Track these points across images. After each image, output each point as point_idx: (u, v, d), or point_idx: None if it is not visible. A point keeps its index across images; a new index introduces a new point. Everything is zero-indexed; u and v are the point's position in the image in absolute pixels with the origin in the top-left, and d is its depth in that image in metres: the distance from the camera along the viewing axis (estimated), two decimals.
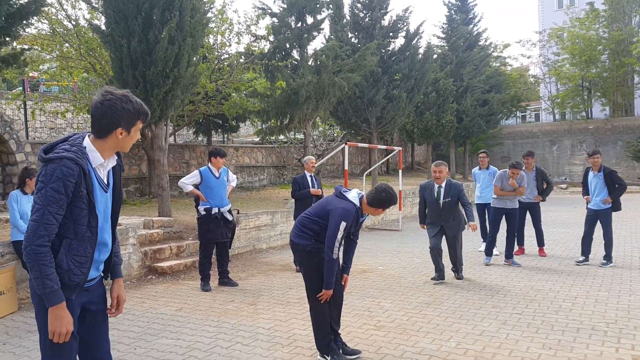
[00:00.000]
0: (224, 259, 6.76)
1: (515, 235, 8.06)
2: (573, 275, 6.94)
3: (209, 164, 6.67)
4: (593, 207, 7.62)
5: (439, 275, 6.74)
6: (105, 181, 2.39)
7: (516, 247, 8.67)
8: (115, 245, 2.56)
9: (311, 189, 7.52)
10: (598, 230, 7.68)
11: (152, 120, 9.40)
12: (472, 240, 9.46)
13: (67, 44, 11.68)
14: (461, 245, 6.89)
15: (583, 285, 6.35)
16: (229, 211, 6.70)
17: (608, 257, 7.54)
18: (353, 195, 4.00)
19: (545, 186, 8.49)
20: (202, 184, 6.52)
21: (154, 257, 7.50)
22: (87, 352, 2.48)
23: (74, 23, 11.52)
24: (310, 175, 7.71)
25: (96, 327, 2.49)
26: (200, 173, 6.56)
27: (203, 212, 6.48)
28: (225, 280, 6.71)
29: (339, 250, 3.88)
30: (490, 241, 8.02)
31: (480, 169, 9.10)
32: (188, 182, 6.55)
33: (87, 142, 2.30)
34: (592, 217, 7.65)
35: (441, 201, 6.70)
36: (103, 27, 9.37)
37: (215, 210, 6.48)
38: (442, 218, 6.69)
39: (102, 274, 2.56)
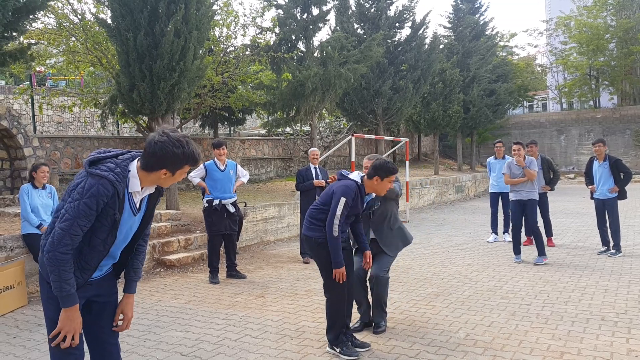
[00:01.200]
0: (230, 251, 6.80)
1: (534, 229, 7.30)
2: (582, 266, 6.91)
3: (215, 158, 6.79)
4: (599, 196, 7.57)
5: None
6: (138, 206, 2.43)
7: (524, 238, 8.64)
8: (137, 261, 2.61)
9: (314, 181, 7.55)
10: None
11: (159, 114, 9.42)
12: (478, 231, 9.45)
13: (73, 38, 11.68)
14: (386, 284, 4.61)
15: (592, 276, 6.32)
16: (233, 204, 6.72)
17: (617, 247, 7.50)
18: (354, 175, 4.02)
19: (552, 175, 8.37)
20: (207, 176, 6.66)
21: (162, 250, 7.54)
22: (95, 342, 2.55)
23: (80, 17, 11.52)
24: (315, 167, 7.72)
25: (104, 318, 2.53)
26: (204, 166, 6.69)
27: (205, 204, 6.62)
28: (232, 272, 6.75)
29: (341, 230, 3.81)
30: (515, 241, 7.38)
31: (495, 158, 9.11)
32: (195, 175, 6.69)
33: (133, 167, 2.35)
34: (600, 207, 7.63)
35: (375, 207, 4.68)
36: (109, 21, 9.36)
37: (216, 202, 6.55)
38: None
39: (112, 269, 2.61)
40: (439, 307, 5.16)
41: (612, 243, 7.60)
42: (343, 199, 3.80)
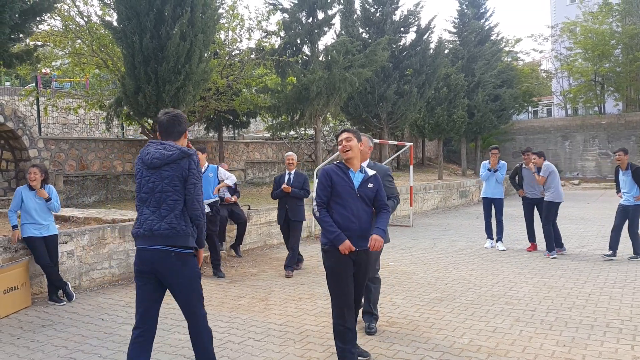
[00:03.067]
0: (211, 251, 7.12)
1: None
2: (586, 272, 6.88)
3: None
4: (624, 202, 7.72)
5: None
6: None
7: (528, 244, 8.70)
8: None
9: (283, 186, 7.04)
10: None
11: None
12: (482, 237, 9.42)
13: (79, 41, 11.75)
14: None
15: (597, 282, 6.29)
16: (210, 205, 6.95)
17: (637, 252, 7.68)
18: None
19: None
20: None
21: None
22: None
23: (86, 20, 11.59)
24: (289, 173, 7.23)
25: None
26: None
27: None
28: (215, 271, 7.11)
29: (319, 210, 3.64)
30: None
31: (489, 164, 9.00)
32: None
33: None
34: (623, 212, 7.71)
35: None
36: (115, 24, 9.42)
37: None
38: None
39: None
40: (443, 312, 5.14)
41: (632, 247, 7.81)
42: (317, 181, 3.77)
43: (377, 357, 3.97)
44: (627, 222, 7.68)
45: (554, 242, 8.06)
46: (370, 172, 3.81)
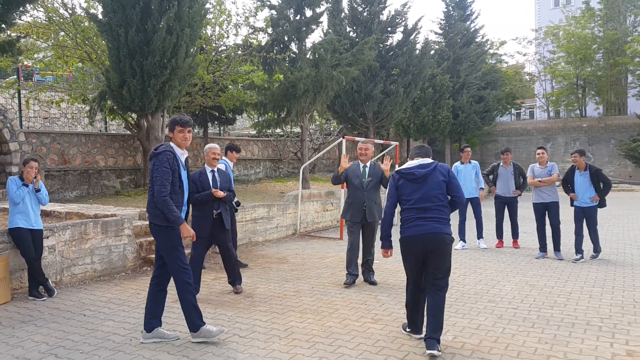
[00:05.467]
0: None
1: (556, 228, 7.99)
2: (567, 271, 6.99)
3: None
4: (580, 204, 7.73)
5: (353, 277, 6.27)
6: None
7: (497, 240, 9.06)
8: None
9: (214, 191, 5.61)
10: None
11: (149, 111, 9.35)
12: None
13: (62, 33, 11.56)
14: (375, 240, 6.24)
15: (577, 281, 6.40)
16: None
17: (596, 251, 7.80)
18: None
19: (522, 181, 8.81)
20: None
21: (149, 249, 7.46)
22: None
23: (70, 12, 11.41)
24: (212, 171, 5.83)
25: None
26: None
27: None
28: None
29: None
30: (541, 239, 8.09)
31: (462, 163, 9.26)
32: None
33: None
34: (580, 215, 7.78)
35: (365, 180, 6.23)
36: (100, 16, 9.29)
37: None
38: (365, 198, 6.19)
39: None
40: None
41: (592, 246, 7.88)
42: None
43: (362, 353, 3.99)
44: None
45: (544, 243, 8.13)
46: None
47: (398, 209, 4.51)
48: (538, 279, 6.53)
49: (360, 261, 6.41)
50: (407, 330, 4.41)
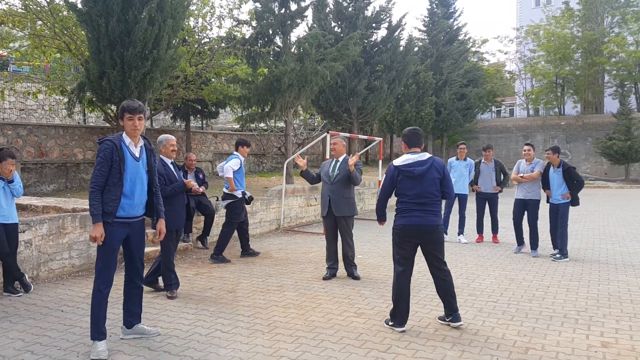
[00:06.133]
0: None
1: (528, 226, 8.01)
2: (545, 265, 7.12)
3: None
4: (553, 201, 7.76)
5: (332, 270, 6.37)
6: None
7: (477, 235, 9.22)
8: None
9: (187, 181, 5.91)
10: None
11: None
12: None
13: (40, 22, 11.27)
14: (352, 235, 6.39)
15: (555, 275, 6.52)
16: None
17: (562, 252, 7.58)
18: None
19: (502, 178, 8.96)
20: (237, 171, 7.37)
21: None
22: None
23: (48, 0, 11.12)
24: (172, 162, 5.83)
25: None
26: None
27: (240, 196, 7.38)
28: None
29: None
30: (518, 233, 8.18)
31: (457, 159, 9.35)
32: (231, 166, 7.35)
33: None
34: (554, 211, 7.78)
35: (333, 174, 6.31)
36: (80, 5, 9.09)
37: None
38: (330, 192, 6.26)
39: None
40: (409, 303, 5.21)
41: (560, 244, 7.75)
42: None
43: (345, 347, 4.00)
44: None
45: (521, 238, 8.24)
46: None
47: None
48: (517, 273, 6.63)
49: (340, 256, 6.43)
50: (390, 323, 4.47)
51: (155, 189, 4.24)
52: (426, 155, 4.50)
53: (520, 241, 8.23)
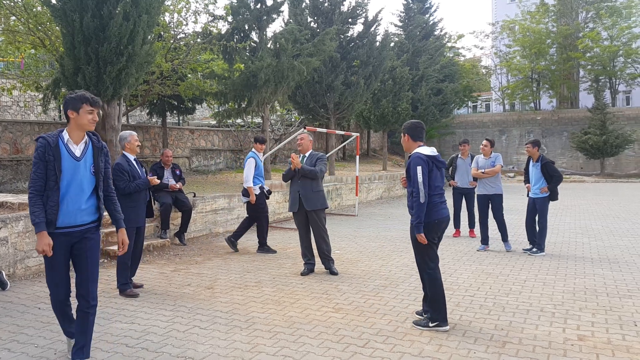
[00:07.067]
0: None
1: (501, 220, 8.02)
2: (522, 260, 7.26)
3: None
4: (532, 195, 7.77)
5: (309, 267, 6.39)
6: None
7: (454, 230, 9.33)
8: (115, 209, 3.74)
9: (151, 178, 5.75)
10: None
11: (105, 99, 9.05)
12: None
13: (13, 18, 10.96)
14: (325, 229, 6.39)
15: (531, 269, 6.65)
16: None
17: (539, 246, 7.62)
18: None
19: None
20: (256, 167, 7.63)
21: (105, 241, 7.27)
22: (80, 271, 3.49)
23: None
24: (135, 159, 5.70)
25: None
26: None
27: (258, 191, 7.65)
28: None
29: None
30: (483, 231, 8.09)
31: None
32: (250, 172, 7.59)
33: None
34: (532, 205, 7.78)
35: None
36: (54, 1, 8.86)
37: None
38: (299, 187, 6.30)
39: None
40: (387, 298, 5.27)
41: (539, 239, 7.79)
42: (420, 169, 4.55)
43: (323, 342, 4.02)
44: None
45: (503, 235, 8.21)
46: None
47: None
48: (494, 268, 6.75)
49: (316, 252, 6.45)
50: (433, 324, 4.34)
51: (108, 192, 3.62)
52: (436, 150, 4.67)
53: (485, 240, 8.11)
